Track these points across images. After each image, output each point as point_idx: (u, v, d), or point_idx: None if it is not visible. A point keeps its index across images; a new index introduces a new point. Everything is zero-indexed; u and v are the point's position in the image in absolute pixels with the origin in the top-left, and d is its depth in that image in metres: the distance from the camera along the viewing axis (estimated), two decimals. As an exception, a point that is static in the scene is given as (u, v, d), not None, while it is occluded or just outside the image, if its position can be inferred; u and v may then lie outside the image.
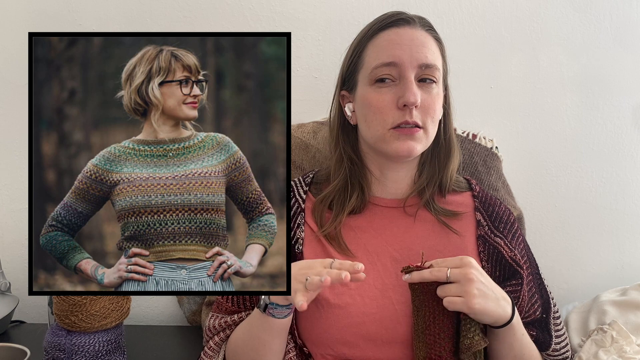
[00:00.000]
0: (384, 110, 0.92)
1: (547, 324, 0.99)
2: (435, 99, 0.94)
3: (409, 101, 0.90)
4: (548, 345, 0.98)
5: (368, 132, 0.96)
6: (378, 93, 0.93)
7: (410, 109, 0.91)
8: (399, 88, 0.92)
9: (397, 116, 0.92)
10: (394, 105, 0.92)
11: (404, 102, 0.91)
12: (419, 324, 0.87)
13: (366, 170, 1.01)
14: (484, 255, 0.99)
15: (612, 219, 1.50)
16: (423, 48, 0.93)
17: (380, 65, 0.93)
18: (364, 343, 0.92)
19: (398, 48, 0.93)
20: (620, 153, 1.49)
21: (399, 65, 0.92)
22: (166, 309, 1.51)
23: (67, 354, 1.05)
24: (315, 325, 0.93)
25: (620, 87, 1.46)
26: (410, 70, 0.92)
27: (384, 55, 0.93)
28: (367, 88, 0.95)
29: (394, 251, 0.98)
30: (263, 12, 1.42)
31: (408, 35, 0.94)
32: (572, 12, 1.44)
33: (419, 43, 0.93)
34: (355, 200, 0.99)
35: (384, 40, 0.94)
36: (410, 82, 0.92)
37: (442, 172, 1.01)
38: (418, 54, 0.92)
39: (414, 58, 0.92)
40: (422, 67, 0.92)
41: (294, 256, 0.97)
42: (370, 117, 0.94)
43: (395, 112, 0.92)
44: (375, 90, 0.94)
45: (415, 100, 0.91)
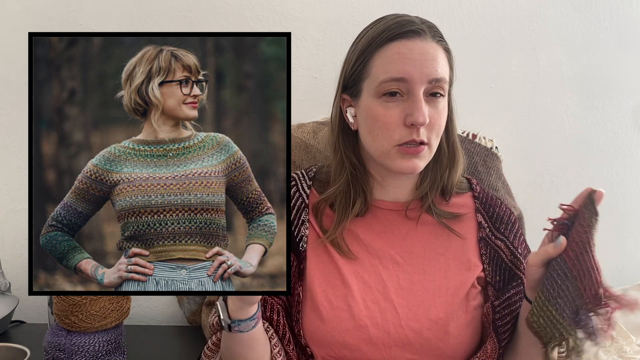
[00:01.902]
0: (390, 126, 0.90)
1: None
2: (441, 113, 0.92)
3: (417, 122, 0.88)
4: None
5: (372, 145, 0.94)
6: (385, 108, 0.90)
7: (417, 128, 0.89)
8: (407, 105, 0.90)
9: (404, 134, 0.90)
10: (401, 122, 0.90)
11: (412, 121, 0.88)
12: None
13: (368, 175, 1.00)
14: (486, 258, 0.98)
15: (612, 219, 1.50)
16: (433, 62, 0.90)
17: (389, 80, 0.90)
18: (366, 346, 0.92)
19: (409, 63, 0.89)
20: (620, 153, 1.49)
21: (408, 81, 0.89)
22: (166, 309, 1.51)
23: (67, 354, 1.05)
24: (318, 327, 0.93)
25: (620, 87, 1.47)
26: (420, 86, 0.89)
27: (393, 69, 0.90)
28: (374, 100, 0.92)
29: (395, 254, 0.97)
30: (263, 12, 1.42)
31: (419, 49, 0.90)
32: (572, 12, 1.44)
33: (429, 57, 0.90)
34: (359, 206, 0.98)
35: (394, 52, 0.90)
36: (420, 101, 0.89)
37: (445, 178, 0.99)
38: (428, 69, 0.89)
39: (424, 74, 0.89)
40: (432, 81, 0.90)
41: (299, 254, 0.96)
42: (375, 131, 0.92)
43: (403, 130, 0.90)
44: (382, 105, 0.91)
45: (425, 121, 0.88)
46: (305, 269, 0.96)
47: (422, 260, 0.97)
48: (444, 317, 0.93)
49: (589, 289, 0.81)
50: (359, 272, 0.96)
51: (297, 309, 0.95)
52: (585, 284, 0.81)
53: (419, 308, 0.93)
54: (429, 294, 0.94)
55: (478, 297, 0.97)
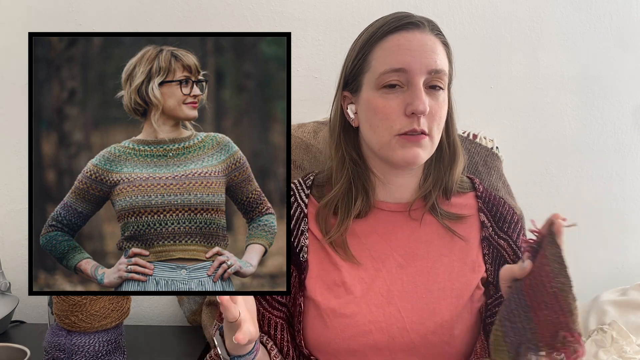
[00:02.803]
0: (390, 116, 0.90)
1: None
2: (442, 105, 0.92)
3: (417, 110, 0.88)
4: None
5: (373, 137, 0.93)
6: (385, 99, 0.91)
7: (418, 117, 0.89)
8: (407, 95, 0.90)
9: (404, 123, 0.90)
10: (401, 112, 0.90)
11: (412, 110, 0.88)
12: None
13: (370, 172, 0.99)
14: (488, 258, 0.98)
15: (612, 219, 1.50)
16: (432, 54, 0.90)
17: (389, 71, 0.90)
18: (371, 352, 0.91)
19: (408, 54, 0.90)
20: (620, 153, 1.49)
21: (408, 71, 0.89)
22: (166, 309, 1.51)
23: (67, 354, 1.05)
24: (322, 335, 0.92)
25: (620, 87, 1.47)
26: (420, 77, 0.89)
27: (393, 60, 0.90)
28: (374, 93, 0.92)
29: (399, 257, 0.96)
30: (263, 12, 1.42)
31: (417, 41, 0.91)
32: (572, 12, 1.44)
33: (428, 49, 0.91)
34: (361, 204, 0.97)
35: (393, 44, 0.91)
36: (420, 90, 0.89)
37: (447, 176, 0.99)
38: (427, 59, 0.90)
39: (424, 64, 0.89)
40: (432, 72, 0.90)
41: (300, 265, 0.95)
42: (376, 122, 0.92)
43: (403, 119, 0.90)
44: (382, 96, 0.91)
45: (425, 109, 0.88)
46: (306, 279, 0.95)
47: (426, 262, 0.96)
48: (449, 320, 0.92)
49: (544, 326, 0.76)
50: (363, 277, 0.95)
51: (298, 319, 0.94)
52: (540, 318, 0.76)
53: (424, 311, 0.92)
54: (433, 297, 0.93)
55: (482, 299, 0.96)
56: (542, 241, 0.77)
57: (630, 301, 1.30)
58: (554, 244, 0.76)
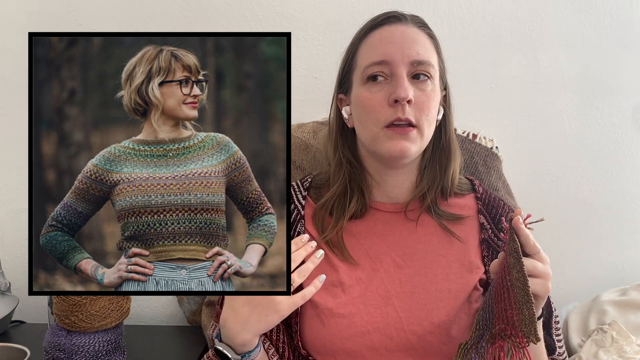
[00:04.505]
0: (376, 108, 0.91)
1: (549, 328, 0.97)
2: (430, 96, 0.91)
3: (399, 96, 0.88)
4: (554, 349, 0.96)
5: (363, 132, 0.94)
6: (370, 92, 0.92)
7: (402, 105, 0.89)
8: (391, 85, 0.90)
9: (389, 113, 0.90)
10: (385, 103, 0.90)
11: (395, 97, 0.89)
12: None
13: (366, 173, 0.99)
14: (488, 260, 0.97)
15: (612, 219, 1.50)
16: (414, 44, 0.91)
17: (372, 64, 0.91)
18: (369, 352, 0.91)
19: (389, 46, 0.91)
20: (620, 153, 1.49)
21: (390, 63, 0.90)
22: (166, 309, 1.51)
23: (67, 354, 1.05)
24: (319, 335, 0.92)
25: (620, 87, 1.47)
26: (402, 67, 0.90)
27: (375, 54, 0.92)
28: (360, 88, 0.93)
29: (396, 257, 0.96)
30: (263, 12, 1.42)
31: (399, 32, 0.92)
32: (572, 12, 1.44)
33: (410, 40, 0.91)
34: (355, 204, 0.97)
35: (376, 39, 0.93)
36: (402, 78, 0.90)
37: (443, 176, 0.99)
38: (409, 50, 0.90)
39: (405, 55, 0.90)
40: (414, 63, 0.90)
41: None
42: (363, 116, 0.93)
43: (388, 110, 0.90)
44: (367, 89, 0.92)
45: (407, 95, 0.88)
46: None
47: (423, 262, 0.96)
48: (447, 321, 0.92)
49: (498, 318, 0.79)
50: (361, 278, 0.95)
51: (296, 319, 0.94)
52: (496, 310, 0.79)
53: (421, 311, 0.92)
54: (431, 297, 0.93)
55: (480, 300, 0.96)
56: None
57: (630, 301, 1.30)
58: (512, 239, 0.79)
